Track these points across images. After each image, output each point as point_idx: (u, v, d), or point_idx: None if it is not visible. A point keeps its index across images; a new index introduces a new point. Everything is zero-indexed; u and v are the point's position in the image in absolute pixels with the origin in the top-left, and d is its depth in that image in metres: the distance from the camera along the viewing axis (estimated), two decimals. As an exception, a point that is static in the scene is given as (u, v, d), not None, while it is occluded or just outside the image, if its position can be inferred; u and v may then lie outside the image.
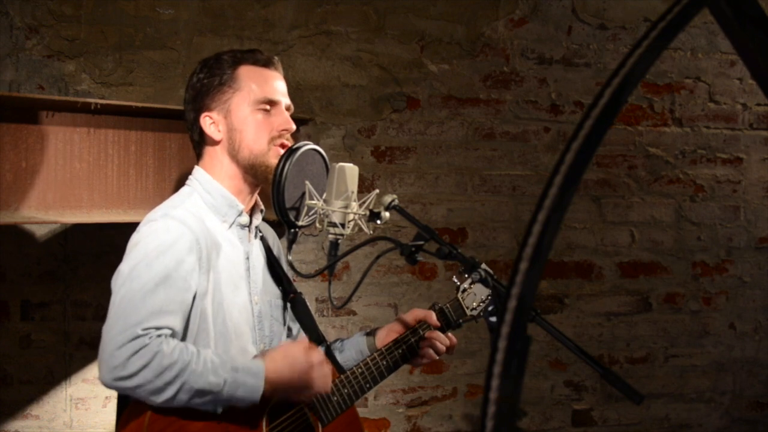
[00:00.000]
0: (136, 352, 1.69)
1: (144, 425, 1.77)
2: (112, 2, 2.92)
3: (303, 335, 2.18)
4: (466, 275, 2.12)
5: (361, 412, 3.21)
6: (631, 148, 3.54)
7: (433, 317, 2.12)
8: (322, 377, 1.87)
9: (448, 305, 2.18)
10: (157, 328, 1.73)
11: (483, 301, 2.17)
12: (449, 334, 2.14)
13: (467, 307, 2.17)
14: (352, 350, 2.15)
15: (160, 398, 1.72)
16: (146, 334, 1.71)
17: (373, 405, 3.24)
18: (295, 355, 1.85)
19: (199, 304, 1.85)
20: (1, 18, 2.82)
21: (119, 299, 1.77)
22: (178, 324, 1.78)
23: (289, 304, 2.12)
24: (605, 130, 0.80)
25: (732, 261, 3.65)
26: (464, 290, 2.19)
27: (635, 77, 0.80)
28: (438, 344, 2.10)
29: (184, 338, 1.85)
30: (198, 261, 1.84)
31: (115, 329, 1.72)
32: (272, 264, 2.11)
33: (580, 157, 0.78)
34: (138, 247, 1.83)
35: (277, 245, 2.19)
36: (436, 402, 3.33)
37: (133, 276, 1.78)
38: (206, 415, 1.80)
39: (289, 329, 2.19)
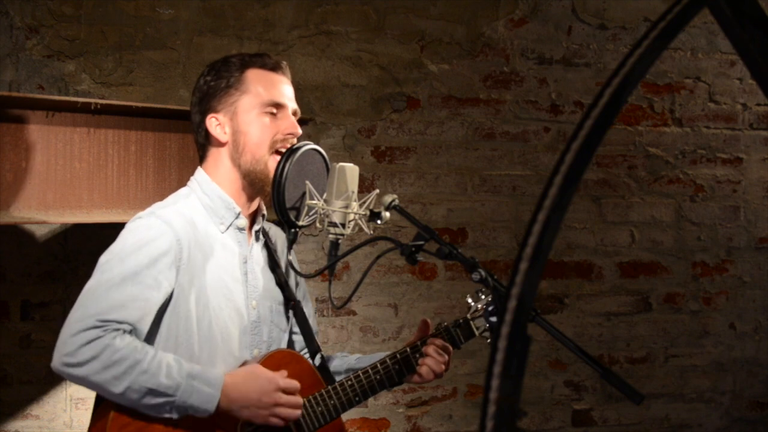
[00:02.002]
0: (89, 342, 1.72)
1: (107, 423, 1.78)
2: (112, 2, 2.93)
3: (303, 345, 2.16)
4: (482, 296, 2.06)
5: (361, 412, 3.21)
6: (631, 148, 3.54)
7: (428, 329, 2.04)
8: (289, 403, 1.85)
9: (455, 324, 2.07)
10: (116, 322, 1.74)
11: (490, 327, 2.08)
12: (441, 343, 2.03)
13: (476, 327, 2.06)
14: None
15: (110, 392, 1.73)
16: (102, 326, 1.73)
17: (373, 405, 3.24)
18: (260, 375, 1.84)
19: (178, 305, 1.85)
20: (1, 18, 2.82)
21: (86, 289, 1.81)
22: (138, 320, 1.78)
23: (291, 311, 2.10)
24: (605, 130, 0.80)
25: (732, 261, 3.65)
26: (476, 310, 2.11)
27: (635, 77, 0.80)
28: (431, 362, 1.99)
29: (153, 334, 1.85)
30: (176, 261, 1.84)
31: (74, 317, 1.76)
32: (276, 269, 2.10)
33: (580, 157, 0.78)
34: (118, 241, 1.86)
35: (276, 247, 2.17)
36: (436, 402, 3.33)
37: (105, 269, 1.82)
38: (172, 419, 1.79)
39: (291, 336, 2.17)
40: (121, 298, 1.77)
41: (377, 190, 1.90)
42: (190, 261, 1.87)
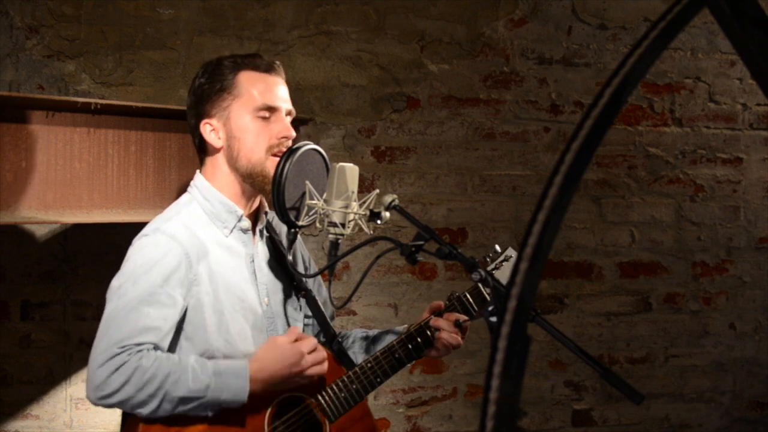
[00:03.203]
0: (117, 369, 1.73)
1: None
2: (112, 2, 2.93)
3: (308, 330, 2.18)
4: (487, 260, 2.11)
5: (361, 412, 3.21)
6: (631, 148, 3.54)
7: (440, 306, 2.09)
8: (315, 363, 1.88)
9: (467, 294, 2.13)
10: (138, 344, 1.76)
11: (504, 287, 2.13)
12: (455, 315, 2.07)
13: (489, 293, 2.11)
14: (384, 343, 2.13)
15: (145, 411, 1.75)
16: (126, 350, 1.74)
17: (373, 405, 3.24)
18: (282, 347, 1.86)
19: (195, 316, 1.86)
20: (1, 18, 2.82)
21: (105, 317, 1.81)
22: (161, 339, 1.80)
23: (304, 300, 2.12)
24: (605, 130, 0.80)
25: (732, 261, 3.65)
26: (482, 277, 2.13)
27: (635, 77, 0.80)
28: (445, 335, 2.04)
29: (173, 348, 1.87)
30: (187, 275, 1.85)
31: (98, 348, 1.77)
32: (283, 261, 2.10)
33: (580, 157, 0.78)
34: (128, 263, 1.87)
35: (280, 241, 2.18)
36: (436, 402, 3.33)
37: (120, 294, 1.82)
38: (204, 417, 1.80)
39: (306, 325, 2.19)
40: (141, 320, 1.78)
41: (377, 190, 1.90)
42: (201, 271, 1.88)
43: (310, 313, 2.16)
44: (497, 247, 2.13)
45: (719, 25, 0.82)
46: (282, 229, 2.14)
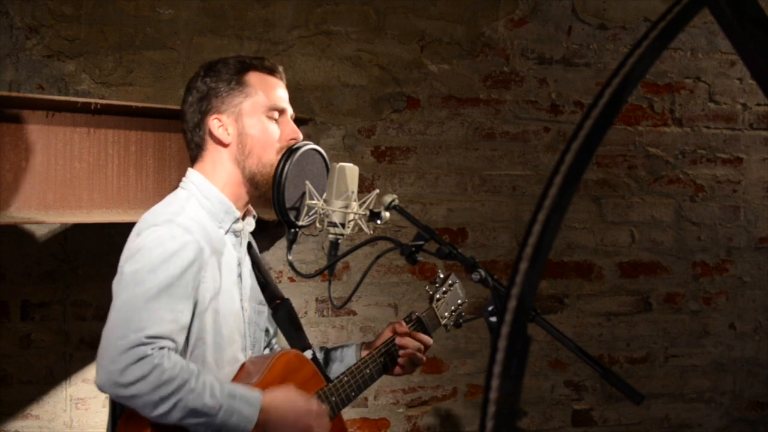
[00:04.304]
0: (137, 361, 1.67)
1: None
2: (112, 2, 2.93)
3: (283, 341, 2.16)
4: (437, 284, 2.19)
5: (361, 412, 3.21)
6: (631, 148, 3.54)
7: (402, 326, 2.11)
8: (320, 427, 1.87)
9: (424, 314, 2.17)
10: (160, 338, 1.71)
11: (454, 311, 2.21)
12: (420, 335, 2.12)
13: (440, 317, 2.19)
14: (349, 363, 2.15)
15: (154, 412, 1.69)
16: (149, 344, 1.69)
17: (373, 405, 3.24)
18: (296, 398, 1.85)
19: (198, 312, 1.84)
20: (1, 18, 2.82)
21: (121, 303, 1.74)
22: (178, 333, 1.76)
23: (270, 310, 2.09)
24: (605, 130, 0.80)
25: (732, 261, 3.65)
26: (438, 299, 2.19)
27: (635, 77, 0.80)
28: (413, 353, 2.08)
29: (182, 347, 1.85)
30: (201, 270, 1.82)
31: (116, 334, 1.70)
32: (258, 269, 2.09)
33: (580, 157, 0.78)
34: (142, 251, 1.80)
35: (255, 247, 2.16)
36: (436, 402, 3.33)
37: (137, 281, 1.75)
38: None
39: (267, 335, 2.17)
40: (160, 311, 1.73)
41: (377, 190, 1.90)
42: (209, 268, 1.86)
43: (273, 323, 2.15)
44: (440, 274, 2.17)
45: (719, 25, 0.82)
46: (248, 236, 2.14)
